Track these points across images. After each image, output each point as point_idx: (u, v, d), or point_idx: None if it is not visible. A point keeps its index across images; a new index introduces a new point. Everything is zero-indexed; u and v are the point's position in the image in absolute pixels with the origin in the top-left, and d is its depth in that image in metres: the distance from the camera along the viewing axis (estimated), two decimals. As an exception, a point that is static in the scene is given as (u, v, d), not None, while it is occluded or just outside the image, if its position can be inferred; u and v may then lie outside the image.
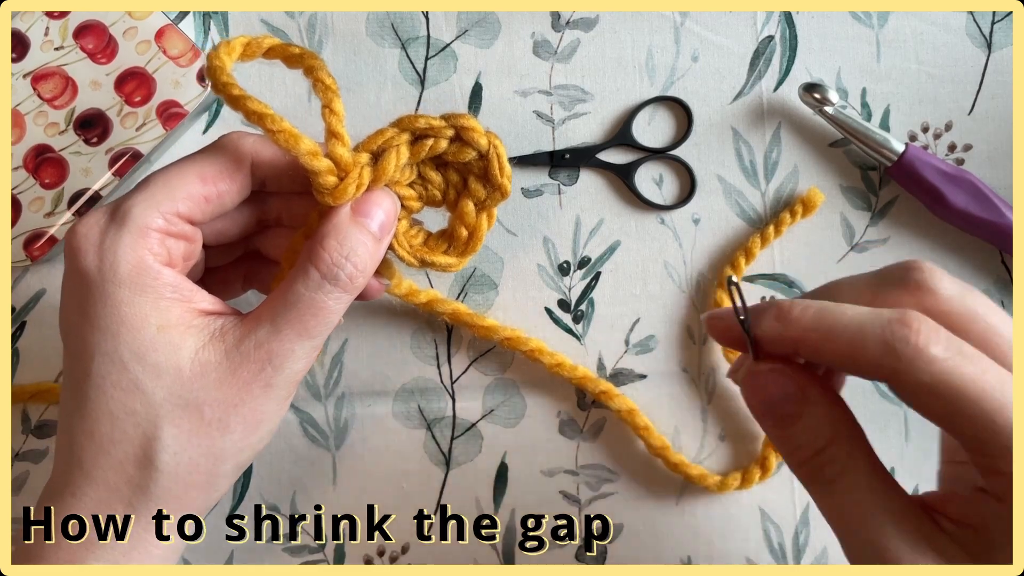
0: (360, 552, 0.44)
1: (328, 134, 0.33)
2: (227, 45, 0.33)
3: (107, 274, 0.32)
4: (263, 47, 0.34)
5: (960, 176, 0.43)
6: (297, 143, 0.32)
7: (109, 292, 0.32)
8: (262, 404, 0.33)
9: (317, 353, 0.34)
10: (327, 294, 0.33)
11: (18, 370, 0.44)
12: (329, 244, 0.33)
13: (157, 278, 0.32)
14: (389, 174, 0.34)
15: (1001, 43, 0.45)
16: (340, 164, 0.33)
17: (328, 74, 0.34)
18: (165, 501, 0.33)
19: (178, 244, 0.33)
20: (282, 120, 0.32)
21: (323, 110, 0.33)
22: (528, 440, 0.44)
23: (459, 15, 0.45)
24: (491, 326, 0.43)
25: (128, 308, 0.32)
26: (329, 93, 0.33)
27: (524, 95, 0.45)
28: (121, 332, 0.32)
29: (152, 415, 0.32)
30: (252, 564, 0.44)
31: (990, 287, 0.45)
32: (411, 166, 0.35)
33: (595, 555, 0.44)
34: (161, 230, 0.33)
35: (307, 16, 0.45)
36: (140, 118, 0.42)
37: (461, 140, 0.35)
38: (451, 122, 0.34)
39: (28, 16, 0.43)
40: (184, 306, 0.33)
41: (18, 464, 0.44)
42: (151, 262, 0.32)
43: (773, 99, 0.45)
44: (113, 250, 0.32)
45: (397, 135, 0.34)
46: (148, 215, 0.32)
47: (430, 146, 0.35)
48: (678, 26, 0.45)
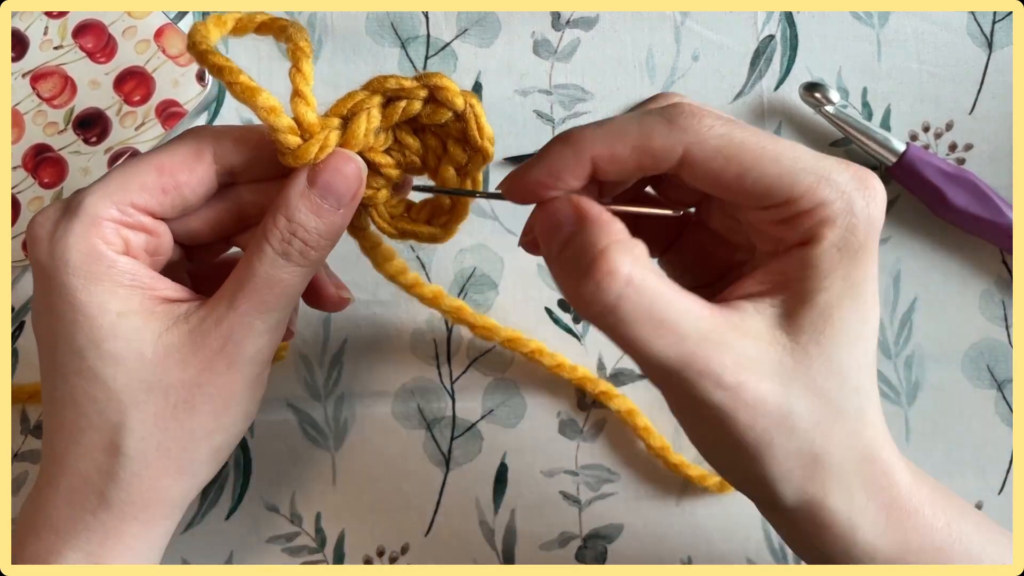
0: (360, 552, 0.44)
1: (293, 93, 0.32)
2: (218, 19, 0.33)
3: (59, 263, 0.32)
4: (255, 22, 0.33)
5: (961, 176, 0.43)
6: (254, 96, 0.31)
7: (62, 281, 0.32)
8: (227, 383, 0.33)
9: (283, 328, 0.34)
10: (281, 269, 0.32)
11: (17, 370, 0.44)
12: (279, 219, 0.32)
13: (112, 266, 0.32)
14: (359, 138, 0.32)
15: (1002, 42, 0.45)
16: (303, 124, 0.32)
17: (304, 39, 0.33)
18: (136, 488, 0.33)
19: (137, 236, 0.33)
20: (241, 72, 0.31)
21: (290, 70, 0.32)
22: (528, 440, 0.44)
23: (459, 15, 0.45)
24: (491, 326, 0.43)
25: (83, 295, 0.32)
26: (299, 53, 0.32)
27: (524, 94, 0.45)
28: (77, 320, 0.32)
29: (115, 401, 0.32)
30: (252, 564, 0.44)
31: (991, 286, 0.45)
32: (386, 131, 0.34)
33: (595, 555, 0.44)
34: (115, 220, 0.32)
35: (307, 16, 0.45)
36: (139, 117, 0.42)
37: (436, 101, 0.33)
38: (424, 81, 0.32)
39: (27, 15, 0.43)
40: (145, 293, 0.33)
41: (17, 464, 0.44)
42: (104, 250, 0.32)
43: (774, 98, 0.45)
44: (64, 240, 0.32)
45: (368, 98, 0.32)
46: (100, 205, 0.32)
47: (403, 108, 0.33)
48: (678, 25, 0.45)
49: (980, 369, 0.45)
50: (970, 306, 0.45)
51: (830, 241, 0.28)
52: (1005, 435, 0.45)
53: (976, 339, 0.45)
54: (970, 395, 0.45)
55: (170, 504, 0.35)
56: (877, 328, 0.30)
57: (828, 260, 0.28)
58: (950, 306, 0.45)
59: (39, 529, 0.33)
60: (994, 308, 0.45)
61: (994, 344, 0.45)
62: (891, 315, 0.45)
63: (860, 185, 0.29)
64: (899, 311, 0.45)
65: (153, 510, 0.34)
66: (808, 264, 0.29)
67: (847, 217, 0.28)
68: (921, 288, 0.45)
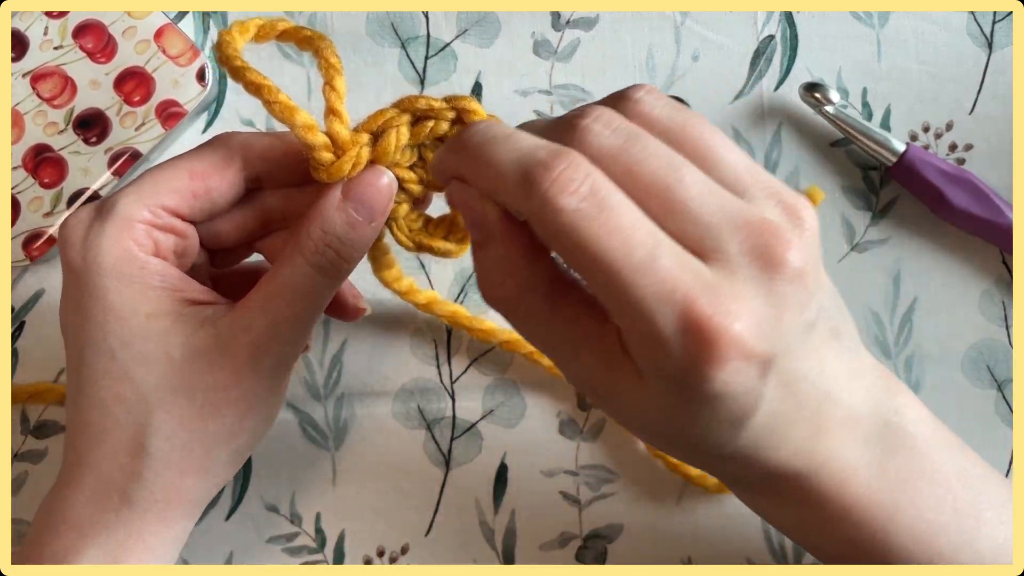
0: (360, 552, 0.44)
1: (327, 111, 0.33)
2: (242, 25, 0.33)
3: (92, 265, 0.32)
4: (277, 29, 0.34)
5: (961, 176, 0.43)
6: (293, 115, 0.32)
7: (95, 282, 0.32)
8: (253, 387, 0.33)
9: (308, 336, 0.34)
10: (311, 279, 0.33)
11: (17, 370, 0.44)
12: (314, 230, 0.33)
13: (144, 267, 0.33)
14: (389, 154, 0.34)
15: (1002, 43, 0.45)
16: (337, 141, 0.33)
17: (334, 54, 0.33)
18: (160, 487, 0.33)
19: (167, 238, 0.33)
20: (280, 92, 0.32)
21: (324, 87, 0.33)
22: (528, 440, 0.44)
23: (459, 15, 0.45)
24: (490, 329, 0.43)
25: (115, 297, 0.32)
26: (332, 71, 0.33)
27: (524, 95, 0.45)
28: (109, 321, 0.32)
29: (142, 402, 0.33)
30: (252, 564, 0.44)
31: (991, 287, 0.45)
32: (412, 148, 0.35)
33: (595, 555, 0.44)
34: (147, 222, 0.33)
35: (307, 16, 0.45)
36: (139, 118, 0.42)
37: (462, 122, 0.34)
38: (452, 104, 0.34)
39: (27, 16, 0.43)
40: (174, 295, 0.33)
41: (17, 464, 0.44)
42: (136, 252, 0.32)
43: (774, 99, 0.45)
44: (98, 242, 0.32)
45: (398, 115, 0.34)
46: (133, 207, 0.32)
47: (431, 128, 0.34)
48: (678, 25, 0.45)
49: (980, 369, 0.45)
50: (970, 306, 0.45)
51: None
52: (1005, 435, 0.45)
53: (976, 339, 0.45)
54: (970, 395, 0.45)
55: (191, 503, 0.35)
56: (819, 300, 0.28)
57: None
58: (950, 306, 0.45)
59: (59, 528, 0.34)
60: (994, 308, 0.45)
61: (994, 344, 0.45)
62: (891, 315, 0.45)
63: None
64: (899, 311, 0.45)
65: (175, 509, 0.35)
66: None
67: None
68: (921, 288, 0.45)
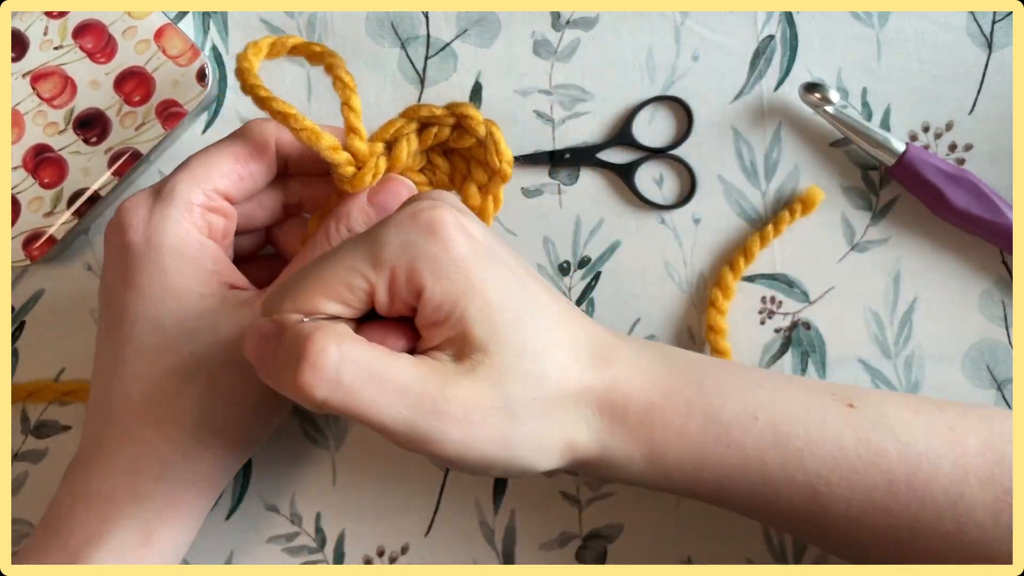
0: (360, 552, 0.44)
1: (347, 130, 0.37)
2: (255, 46, 0.36)
3: (155, 246, 0.34)
4: (288, 46, 0.37)
5: (961, 176, 0.43)
6: (319, 139, 0.35)
7: (156, 262, 0.34)
8: None
9: None
10: None
11: (17, 370, 0.44)
12: (340, 228, 0.37)
13: (201, 249, 0.35)
14: (403, 162, 0.38)
15: (1002, 43, 0.45)
16: (358, 156, 0.37)
17: (346, 71, 0.37)
18: (201, 457, 0.35)
19: (218, 220, 0.36)
20: (305, 119, 0.35)
21: (342, 107, 0.37)
22: (528, 440, 0.44)
23: (459, 15, 0.45)
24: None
25: (175, 276, 0.34)
26: (347, 91, 0.37)
27: (524, 94, 0.45)
28: (166, 299, 0.34)
29: (189, 374, 0.34)
30: (252, 564, 0.44)
31: (991, 287, 0.45)
32: (421, 153, 0.39)
33: (595, 555, 0.44)
34: (203, 205, 0.35)
35: (307, 16, 0.45)
36: (139, 118, 0.42)
37: (462, 128, 0.38)
38: (452, 111, 0.38)
39: (27, 15, 0.43)
40: (221, 277, 0.36)
41: (17, 464, 0.44)
42: (196, 234, 0.35)
43: (774, 99, 0.45)
44: (162, 224, 0.34)
45: (406, 124, 0.38)
46: (192, 191, 0.35)
47: (435, 134, 0.38)
48: (678, 25, 0.45)
49: (980, 369, 0.45)
50: (970, 306, 0.45)
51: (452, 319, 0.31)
52: (1005, 435, 0.45)
53: (976, 339, 0.45)
54: (970, 395, 0.44)
55: (225, 473, 0.38)
56: (522, 276, 0.33)
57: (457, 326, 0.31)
58: (950, 306, 0.45)
59: (90, 499, 0.35)
60: (994, 308, 0.45)
61: (994, 344, 0.45)
62: (891, 315, 0.45)
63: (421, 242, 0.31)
64: (899, 311, 0.45)
65: (211, 479, 0.37)
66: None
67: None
68: (921, 288, 0.45)
